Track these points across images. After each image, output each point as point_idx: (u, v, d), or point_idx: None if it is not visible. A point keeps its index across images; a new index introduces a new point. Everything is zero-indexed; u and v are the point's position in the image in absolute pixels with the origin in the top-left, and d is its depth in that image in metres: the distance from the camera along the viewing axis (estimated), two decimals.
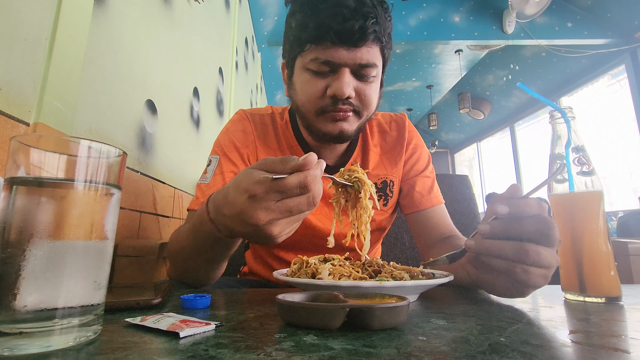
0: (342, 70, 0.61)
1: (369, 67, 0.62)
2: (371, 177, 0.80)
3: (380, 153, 0.82)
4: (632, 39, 3.49)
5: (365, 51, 0.61)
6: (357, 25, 0.58)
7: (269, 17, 3.27)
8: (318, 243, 0.77)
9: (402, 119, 0.84)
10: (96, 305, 0.28)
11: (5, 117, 0.55)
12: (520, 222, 0.42)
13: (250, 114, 0.80)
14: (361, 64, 0.61)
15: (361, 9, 0.58)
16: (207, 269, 0.58)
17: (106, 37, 0.82)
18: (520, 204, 0.42)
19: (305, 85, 0.64)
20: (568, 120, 0.50)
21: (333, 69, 0.62)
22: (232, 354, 0.24)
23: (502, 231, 0.42)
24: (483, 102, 5.57)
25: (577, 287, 0.47)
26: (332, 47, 0.60)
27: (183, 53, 1.33)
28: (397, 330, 0.31)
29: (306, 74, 0.64)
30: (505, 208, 0.42)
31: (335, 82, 0.62)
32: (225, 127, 0.78)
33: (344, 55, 0.60)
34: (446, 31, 3.71)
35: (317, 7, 0.59)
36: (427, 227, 0.77)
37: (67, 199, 0.26)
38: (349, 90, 0.62)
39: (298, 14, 0.62)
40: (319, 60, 0.61)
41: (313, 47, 0.61)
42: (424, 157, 0.83)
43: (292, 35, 0.64)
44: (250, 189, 0.39)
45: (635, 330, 0.32)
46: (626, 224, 2.71)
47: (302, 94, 0.66)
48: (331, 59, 0.61)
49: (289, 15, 0.67)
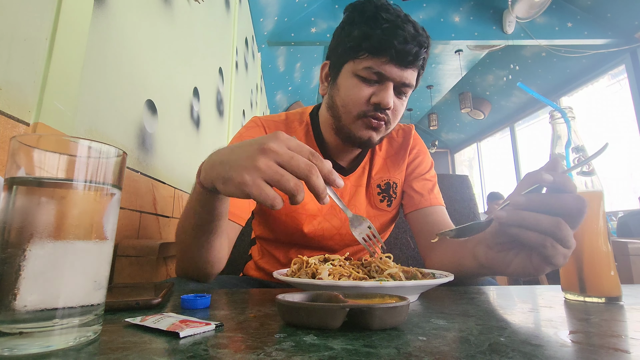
0: (388, 83, 0.67)
1: (408, 87, 0.69)
2: (375, 179, 0.83)
3: (385, 157, 0.85)
4: (632, 39, 3.49)
5: (410, 73, 0.68)
6: (414, 50, 0.65)
7: (269, 17, 3.26)
8: (327, 244, 0.80)
9: (409, 128, 0.89)
10: (96, 305, 0.28)
11: (5, 117, 0.55)
12: (559, 197, 0.41)
13: (265, 121, 0.82)
14: (404, 82, 0.68)
15: (419, 36, 0.66)
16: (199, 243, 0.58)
17: (106, 37, 0.82)
18: (562, 178, 0.42)
19: (353, 88, 0.69)
20: (568, 120, 0.50)
21: (380, 80, 0.67)
22: (232, 354, 0.24)
23: (540, 203, 0.42)
24: (483, 102, 5.57)
25: (577, 287, 0.47)
26: (387, 62, 0.65)
27: (183, 53, 1.33)
28: (397, 330, 0.31)
29: (354, 79, 0.69)
30: (550, 177, 0.42)
31: (382, 92, 0.67)
32: (239, 133, 0.80)
33: (395, 72, 0.66)
34: (446, 31, 3.71)
35: (381, 23, 0.65)
36: (427, 226, 0.78)
37: (67, 199, 0.26)
38: (392, 102, 0.68)
39: (362, 25, 0.67)
40: (372, 70, 0.66)
41: (369, 57, 0.66)
42: (426, 162, 0.86)
43: (350, 42, 0.69)
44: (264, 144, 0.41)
45: (635, 330, 0.32)
46: (626, 224, 2.71)
47: (347, 96, 0.70)
48: (383, 72, 0.66)
49: (346, 23, 0.71)
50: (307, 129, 0.82)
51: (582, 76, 4.23)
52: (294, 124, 0.83)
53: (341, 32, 0.72)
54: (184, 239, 0.59)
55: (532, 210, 0.43)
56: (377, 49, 0.65)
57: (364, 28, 0.66)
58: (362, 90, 0.68)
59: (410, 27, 0.65)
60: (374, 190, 0.82)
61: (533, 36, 3.62)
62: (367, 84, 0.68)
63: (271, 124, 0.81)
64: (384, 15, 0.65)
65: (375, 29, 0.65)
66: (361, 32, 0.67)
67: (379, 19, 0.65)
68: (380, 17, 0.65)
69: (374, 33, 0.65)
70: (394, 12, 0.67)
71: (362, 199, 0.82)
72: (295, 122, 0.83)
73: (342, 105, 0.71)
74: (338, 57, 0.72)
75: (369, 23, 0.66)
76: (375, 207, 0.82)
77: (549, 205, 0.42)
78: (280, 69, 4.41)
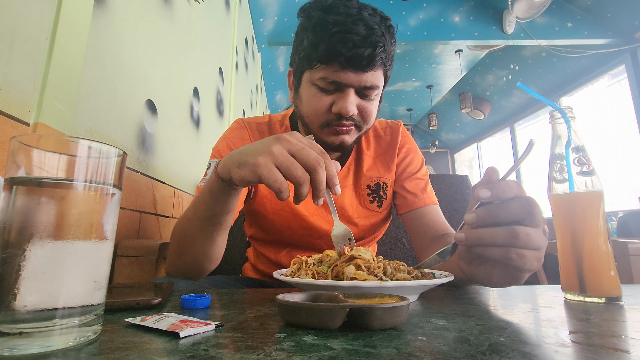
0: (348, 90, 0.65)
1: (371, 88, 0.66)
2: (365, 179, 0.82)
3: (374, 156, 0.84)
4: (632, 39, 3.49)
5: (370, 75, 0.64)
6: (366, 52, 0.61)
7: (269, 17, 3.26)
8: (315, 243, 0.80)
9: (396, 125, 0.87)
10: (96, 305, 0.28)
11: (5, 117, 0.55)
12: (505, 205, 0.41)
13: (248, 122, 0.82)
14: (366, 86, 0.65)
15: (371, 37, 0.61)
16: (204, 236, 0.59)
17: (106, 37, 0.82)
18: (500, 186, 0.41)
19: (312, 99, 0.67)
20: (568, 120, 0.50)
21: (339, 88, 0.65)
22: (232, 354, 0.24)
23: (489, 217, 0.42)
24: (483, 102, 5.57)
25: (577, 287, 0.47)
26: (340, 70, 0.63)
27: (183, 53, 1.33)
28: (397, 330, 0.31)
29: (313, 88, 0.67)
30: (487, 191, 0.41)
31: (341, 100, 0.65)
32: (224, 135, 0.81)
33: (351, 78, 0.63)
34: (446, 31, 3.71)
35: (329, 29, 0.61)
36: (422, 226, 0.78)
37: (67, 199, 0.26)
38: (353, 109, 0.66)
39: (310, 33, 0.64)
40: (327, 80, 0.64)
41: (322, 67, 0.64)
42: (416, 160, 0.85)
43: (303, 51, 0.66)
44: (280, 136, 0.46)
45: (635, 330, 0.32)
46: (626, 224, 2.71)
47: (308, 107, 0.69)
48: (338, 80, 0.64)
49: (300, 29, 0.68)
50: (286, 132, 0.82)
51: (582, 76, 4.23)
52: (276, 125, 0.83)
53: (296, 40, 0.70)
54: (187, 231, 0.59)
55: (486, 225, 0.42)
56: (326, 58, 0.62)
57: (311, 36, 0.64)
58: (322, 100, 0.66)
59: (361, 28, 0.60)
60: (364, 190, 0.82)
61: (533, 36, 3.62)
62: (326, 93, 0.66)
63: (254, 125, 0.82)
64: (331, 18, 0.61)
65: (322, 36, 0.62)
66: (309, 41, 0.64)
67: (325, 24, 0.61)
68: (326, 22, 0.61)
69: (321, 41, 0.62)
70: (344, 10, 0.62)
71: (350, 199, 0.81)
72: (277, 124, 0.83)
73: (305, 115, 0.70)
74: (297, 65, 0.70)
75: (316, 30, 0.63)
76: (365, 208, 0.82)
77: (498, 217, 0.41)
78: (280, 69, 4.41)
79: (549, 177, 0.51)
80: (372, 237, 0.87)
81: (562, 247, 0.49)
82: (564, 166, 0.49)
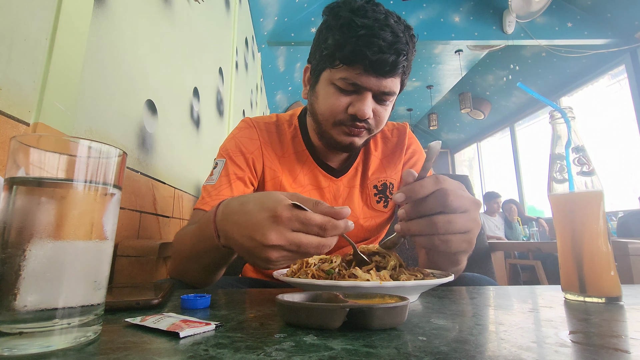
0: (366, 93, 0.65)
1: (389, 94, 0.67)
2: (372, 179, 0.83)
3: (381, 157, 0.85)
4: (632, 39, 3.49)
5: (390, 81, 0.65)
6: (390, 59, 0.61)
7: (269, 17, 3.26)
8: None
9: (403, 127, 0.89)
10: (96, 305, 0.28)
11: (5, 117, 0.55)
12: (424, 200, 0.45)
13: (256, 122, 0.82)
14: (384, 91, 0.65)
15: (396, 44, 0.61)
16: (205, 273, 0.60)
17: (106, 37, 0.82)
18: (415, 187, 0.45)
19: (330, 98, 0.68)
20: (568, 120, 0.50)
21: (358, 90, 0.65)
22: (232, 354, 0.24)
23: (415, 212, 0.46)
24: (483, 102, 5.57)
25: (577, 287, 0.47)
26: (362, 72, 0.63)
27: (183, 53, 1.33)
28: (397, 330, 0.31)
29: (331, 87, 0.67)
30: (401, 196, 0.46)
31: (358, 103, 0.65)
32: (231, 134, 0.81)
33: (371, 82, 0.64)
34: (446, 31, 3.71)
35: (356, 31, 0.61)
36: None
37: (67, 199, 0.26)
38: (370, 113, 0.66)
39: (336, 32, 0.64)
40: (348, 81, 0.64)
41: (344, 67, 0.64)
42: (421, 161, 0.86)
43: (325, 49, 0.66)
44: (275, 209, 0.41)
45: (635, 330, 0.32)
46: (626, 224, 2.71)
47: (324, 105, 0.69)
48: (359, 83, 0.64)
49: (324, 27, 0.68)
50: (295, 132, 0.82)
51: (582, 76, 4.23)
52: (284, 125, 0.83)
53: (319, 37, 0.70)
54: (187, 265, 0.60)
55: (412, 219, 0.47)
56: (351, 59, 0.62)
57: (337, 36, 0.63)
58: (339, 100, 0.66)
59: (387, 34, 0.60)
60: (371, 191, 0.82)
61: (533, 36, 3.62)
62: (344, 93, 0.66)
63: (262, 125, 0.82)
64: (359, 21, 0.61)
65: (349, 37, 0.61)
66: (334, 41, 0.63)
67: (353, 25, 0.61)
68: (354, 24, 0.61)
69: (347, 42, 0.61)
70: (372, 15, 0.62)
71: (357, 199, 0.82)
72: (285, 124, 0.83)
73: (320, 113, 0.71)
74: (317, 63, 0.70)
75: (343, 30, 0.62)
76: (371, 208, 0.82)
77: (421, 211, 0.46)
78: (280, 69, 4.41)
79: (549, 177, 0.51)
80: (375, 238, 0.87)
81: (562, 247, 0.49)
82: (564, 166, 0.49)
